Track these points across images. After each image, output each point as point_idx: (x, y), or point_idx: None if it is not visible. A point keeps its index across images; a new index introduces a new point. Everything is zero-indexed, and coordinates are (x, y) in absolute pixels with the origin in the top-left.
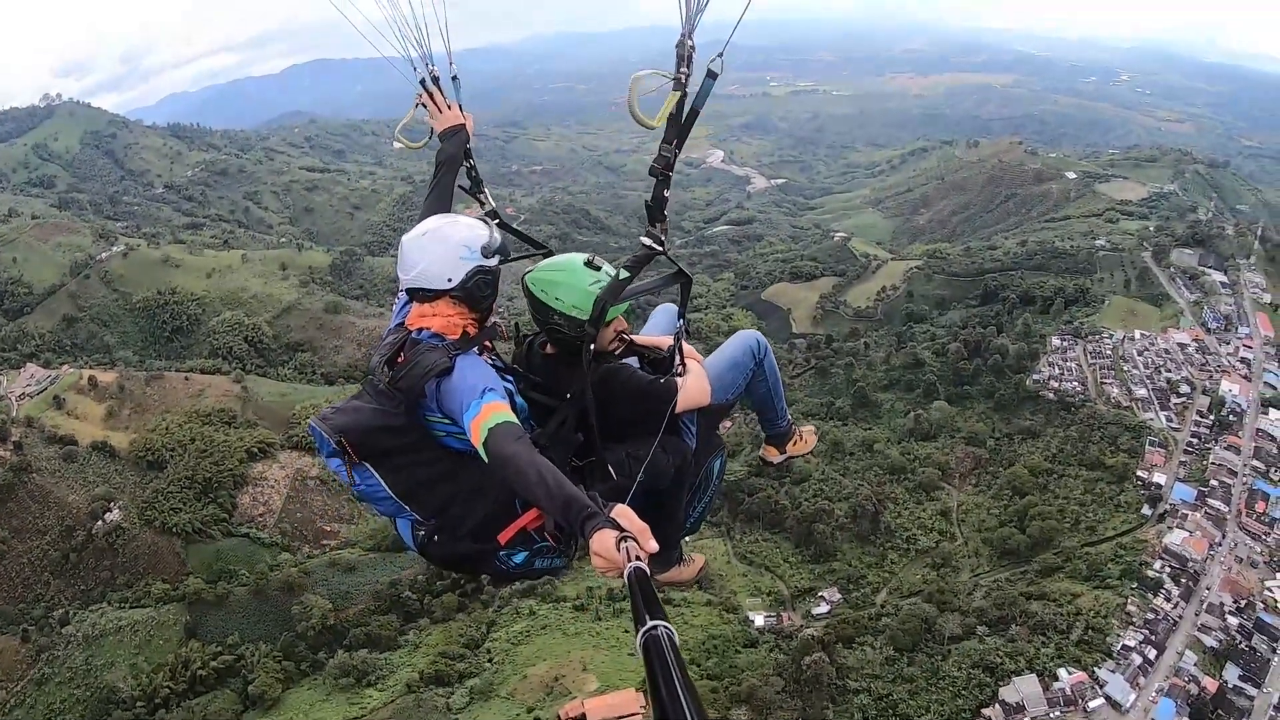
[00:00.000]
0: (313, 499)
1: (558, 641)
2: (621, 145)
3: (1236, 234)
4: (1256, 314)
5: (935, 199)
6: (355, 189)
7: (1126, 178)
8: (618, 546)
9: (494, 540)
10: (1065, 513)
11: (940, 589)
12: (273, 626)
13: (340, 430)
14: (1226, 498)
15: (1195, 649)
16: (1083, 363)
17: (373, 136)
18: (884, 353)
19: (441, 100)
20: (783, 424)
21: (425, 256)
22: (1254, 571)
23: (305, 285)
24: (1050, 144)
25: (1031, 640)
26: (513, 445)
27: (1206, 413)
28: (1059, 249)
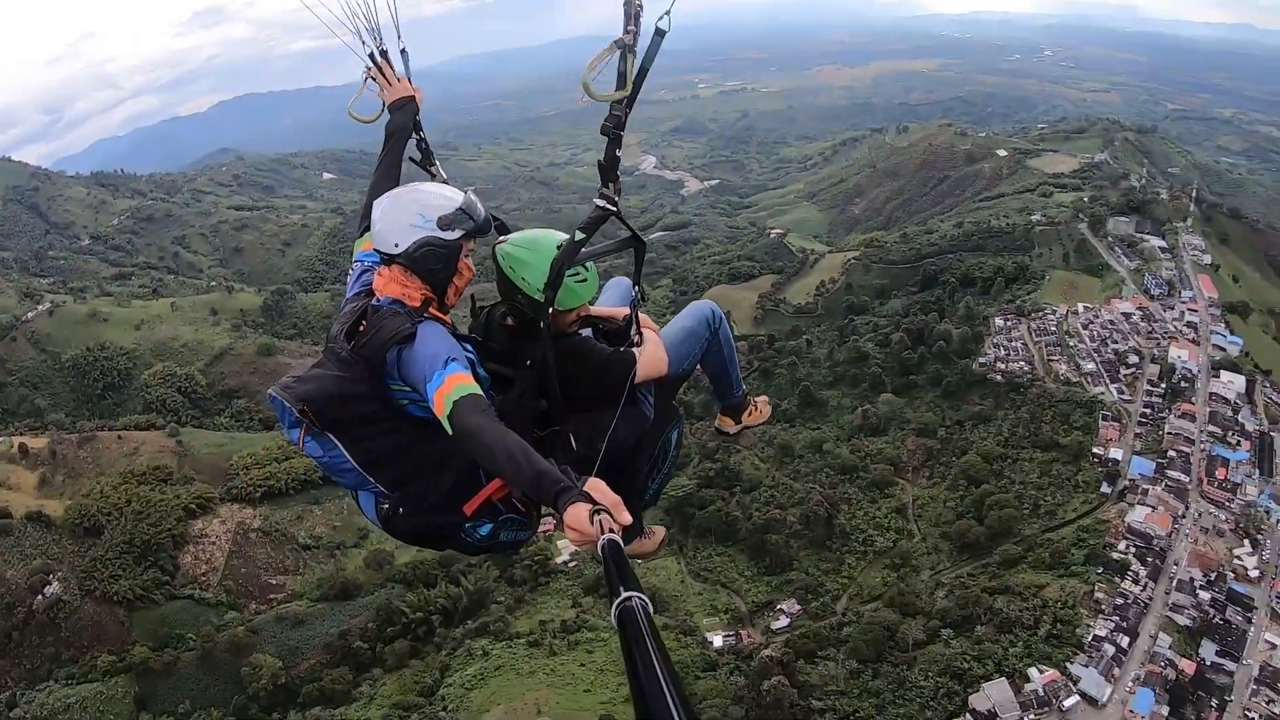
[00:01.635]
0: (256, 552)
1: (512, 683)
2: (554, 159)
3: (1171, 198)
4: (1198, 276)
5: (869, 188)
6: (285, 225)
7: (1057, 151)
8: (591, 519)
9: (459, 512)
10: (1023, 498)
11: (901, 591)
12: (224, 690)
13: (303, 399)
14: (1186, 467)
15: (1169, 630)
16: (1028, 341)
17: (302, 170)
18: (827, 349)
19: (391, 73)
20: (738, 394)
21: (383, 219)
22: (1221, 541)
23: (237, 329)
24: (979, 124)
25: (999, 640)
26: (478, 418)
27: (1157, 381)
28: (995, 228)
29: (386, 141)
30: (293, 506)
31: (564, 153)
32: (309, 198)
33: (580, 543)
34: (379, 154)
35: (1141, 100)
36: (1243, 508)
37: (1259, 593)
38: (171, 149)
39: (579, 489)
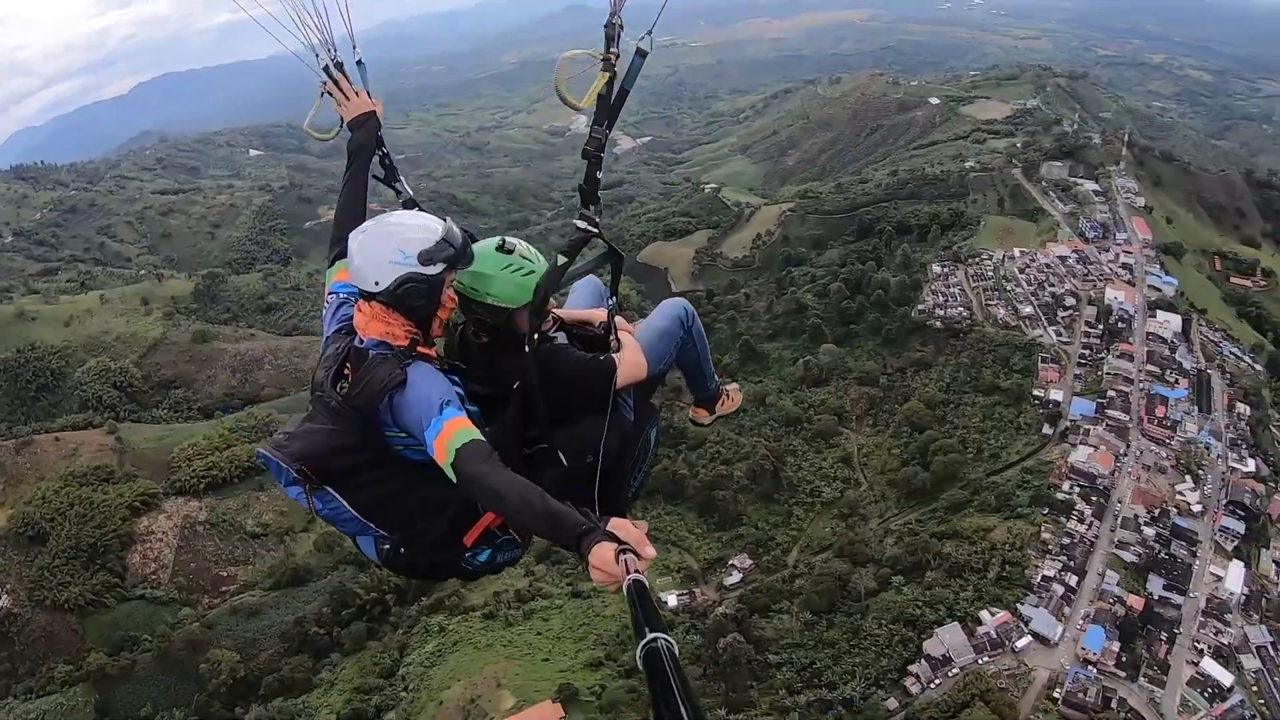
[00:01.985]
0: (204, 545)
1: (470, 658)
2: (484, 123)
3: (1104, 142)
4: (1132, 219)
5: (802, 139)
6: (213, 206)
7: (989, 98)
8: (617, 559)
9: (460, 544)
10: (966, 443)
11: (850, 541)
12: (184, 689)
13: (299, 458)
14: (1126, 407)
15: (1116, 567)
16: (966, 287)
17: (228, 148)
18: (766, 302)
19: (348, 86)
20: (711, 386)
21: (360, 255)
22: (1163, 477)
23: (170, 317)
24: (911, 73)
25: (949, 585)
26: (483, 466)
27: (1095, 323)
28: (930, 175)
29: (349, 162)
30: (238, 495)
31: (494, 116)
32: (236, 176)
33: (605, 582)
34: (342, 175)
35: (1073, 46)
36: (1183, 444)
37: (1202, 527)
38: (92, 136)
39: (602, 529)
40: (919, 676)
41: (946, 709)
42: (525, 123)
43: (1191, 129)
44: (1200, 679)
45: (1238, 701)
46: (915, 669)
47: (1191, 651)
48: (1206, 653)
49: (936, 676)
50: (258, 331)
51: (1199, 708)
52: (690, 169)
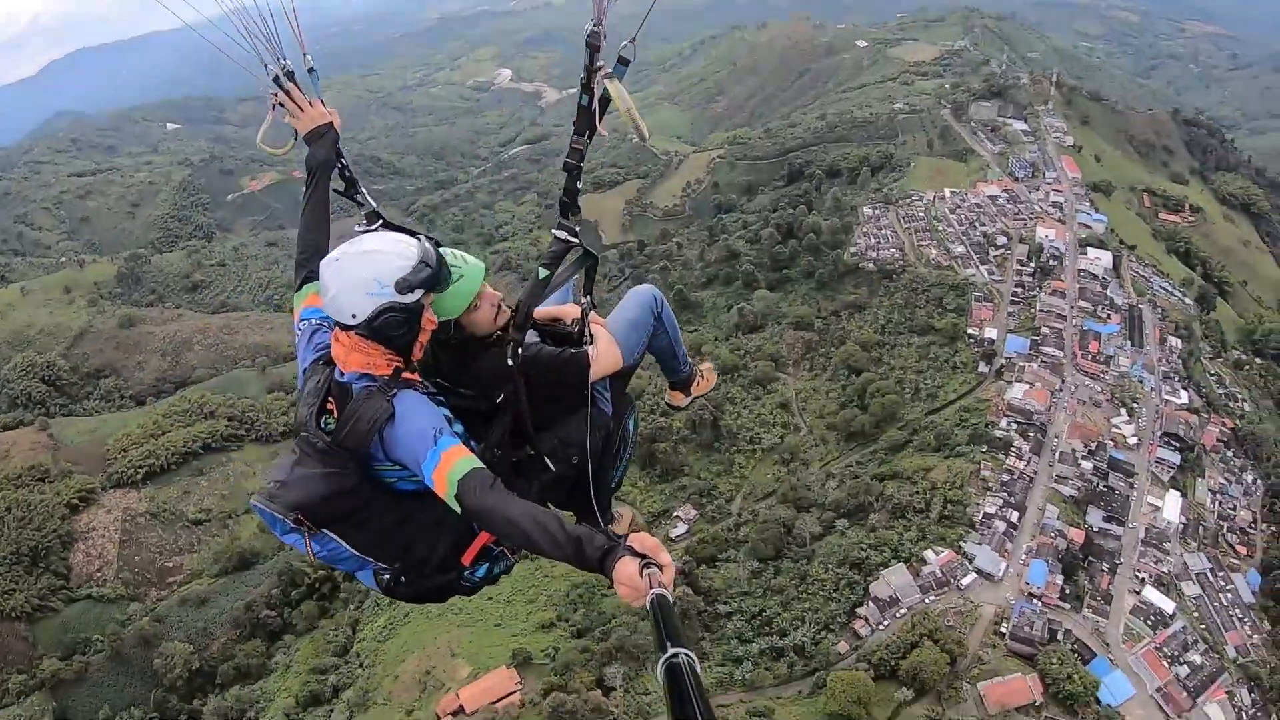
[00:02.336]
0: (147, 537)
1: (422, 628)
2: (406, 82)
3: (1032, 82)
4: (1061, 157)
5: (730, 85)
6: (132, 185)
7: (917, 39)
8: (641, 574)
9: (458, 565)
10: (904, 383)
11: (793, 486)
12: (141, 687)
13: (295, 507)
14: (1060, 343)
15: (1055, 501)
16: (897, 229)
17: (144, 124)
18: (698, 250)
19: (300, 97)
20: (684, 369)
21: (334, 287)
22: (1099, 412)
23: (94, 304)
24: (838, 16)
25: (893, 526)
26: (490, 497)
27: (1026, 261)
28: (859, 118)
29: (309, 178)
30: (177, 482)
31: (416, 74)
32: (154, 152)
33: (630, 598)
34: (302, 193)
35: None
36: (1116, 379)
37: (1138, 459)
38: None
39: (623, 545)
40: (867, 619)
41: (897, 650)
42: (449, 79)
43: (1118, 69)
44: (1143, 607)
45: (1180, 628)
46: (863, 611)
47: (1133, 581)
48: (1148, 581)
49: (885, 618)
50: (185, 311)
51: (1143, 635)
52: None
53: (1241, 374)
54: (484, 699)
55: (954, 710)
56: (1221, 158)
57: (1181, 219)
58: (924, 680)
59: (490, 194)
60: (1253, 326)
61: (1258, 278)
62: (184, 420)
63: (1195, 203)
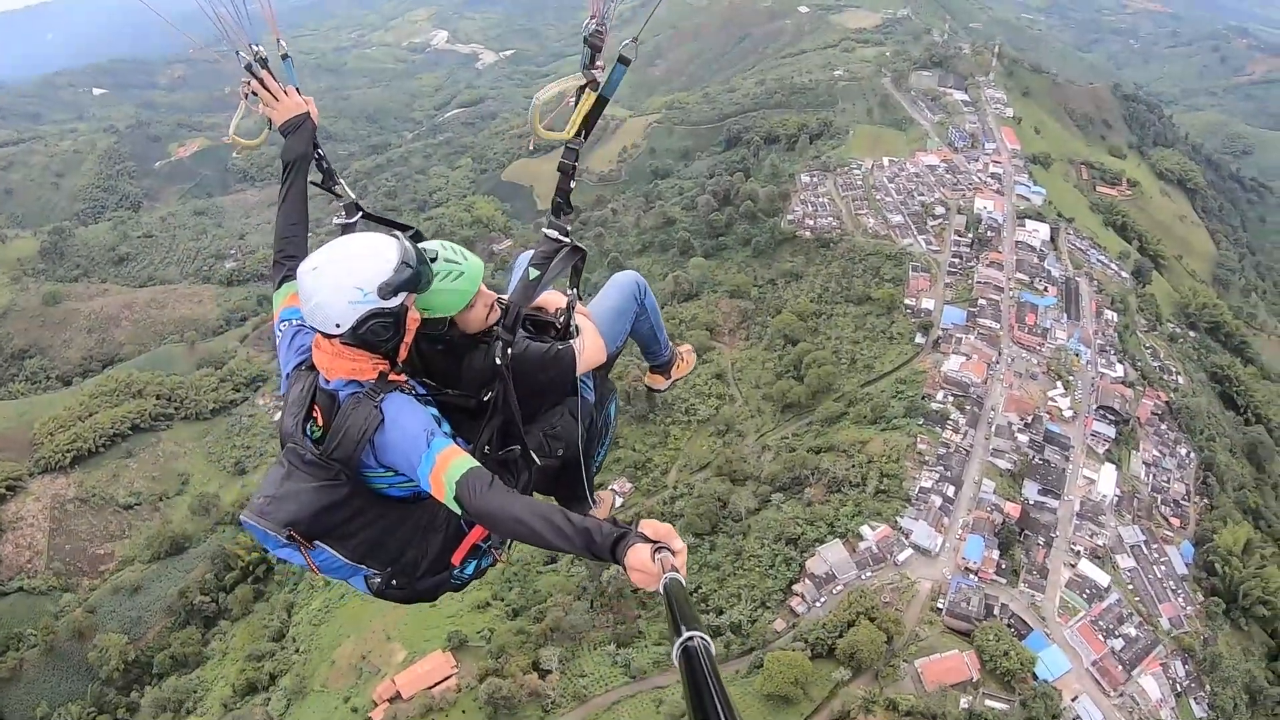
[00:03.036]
0: (77, 525)
1: (357, 611)
2: (340, 43)
3: (974, 53)
4: (1001, 129)
5: (670, 49)
6: (55, 154)
7: (859, 6)
8: (653, 558)
9: (448, 565)
10: (840, 354)
11: (728, 459)
12: (78, 680)
13: (287, 523)
14: (997, 315)
15: (992, 475)
16: (835, 197)
17: (70, 89)
18: (633, 216)
19: (275, 85)
20: (665, 353)
21: (316, 294)
22: (1035, 384)
23: (17, 281)
24: None
25: (829, 501)
26: (491, 497)
27: (964, 232)
28: (798, 85)
29: (285, 172)
30: (106, 465)
31: (350, 35)
32: (80, 119)
33: (644, 584)
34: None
35: None
36: (1053, 351)
37: (1074, 431)
38: None
39: (634, 532)
40: (804, 596)
41: (833, 629)
42: (383, 40)
43: (1060, 41)
44: (1078, 580)
45: (1115, 600)
46: (800, 589)
47: (1068, 554)
48: (1083, 554)
49: (821, 595)
50: (112, 285)
51: (1078, 609)
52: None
53: (1175, 347)
54: (420, 684)
55: (892, 689)
56: (1159, 133)
57: (1119, 192)
58: (861, 659)
59: (425, 158)
60: (1187, 300)
61: (1192, 252)
62: (111, 400)
63: (1133, 177)
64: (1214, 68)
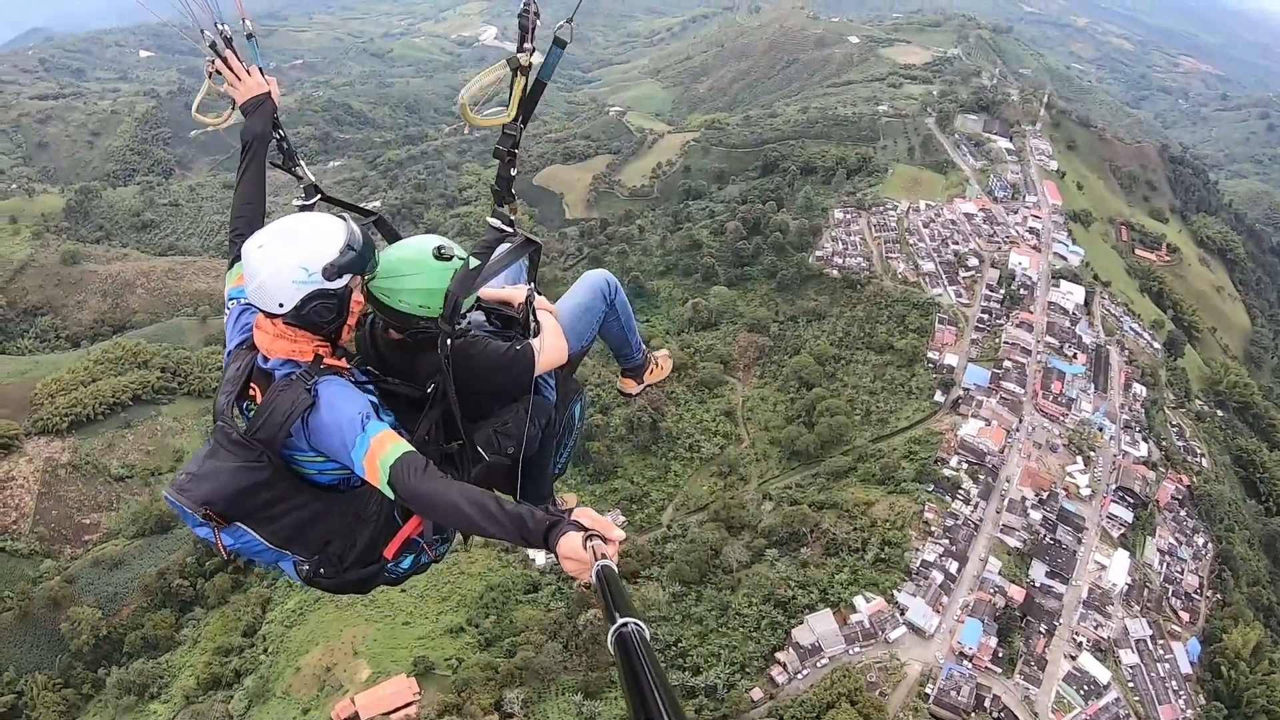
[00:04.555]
0: (67, 491)
1: (330, 618)
2: (390, 29)
3: (1022, 100)
4: (1044, 182)
5: (716, 67)
6: (93, 113)
7: (910, 42)
8: (584, 546)
9: (380, 558)
10: (855, 404)
11: (726, 504)
12: (47, 650)
13: (204, 501)
14: (1022, 379)
15: (999, 553)
16: (867, 236)
17: (116, 48)
18: (660, 235)
19: (238, 65)
20: (638, 356)
21: (259, 275)
22: (1054, 457)
23: (39, 236)
24: (834, 9)
25: (824, 564)
26: (424, 482)
27: (996, 287)
28: (841, 116)
29: (244, 150)
30: (102, 433)
31: (400, 22)
32: (124, 79)
33: (576, 572)
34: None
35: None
36: (1076, 424)
37: (1090, 512)
38: None
39: (567, 520)
40: (786, 666)
41: (811, 708)
42: (433, 30)
43: (1108, 94)
44: (1077, 675)
45: (1113, 699)
46: (783, 657)
47: (1070, 645)
48: (1085, 647)
49: (805, 667)
50: (131, 251)
51: (1074, 706)
52: (598, 89)
53: (1202, 426)
54: (379, 708)
55: None
56: (1203, 199)
57: (1158, 257)
58: None
59: (459, 154)
60: (1218, 377)
61: (1228, 326)
62: (116, 368)
63: (1173, 242)
64: (1261, 135)
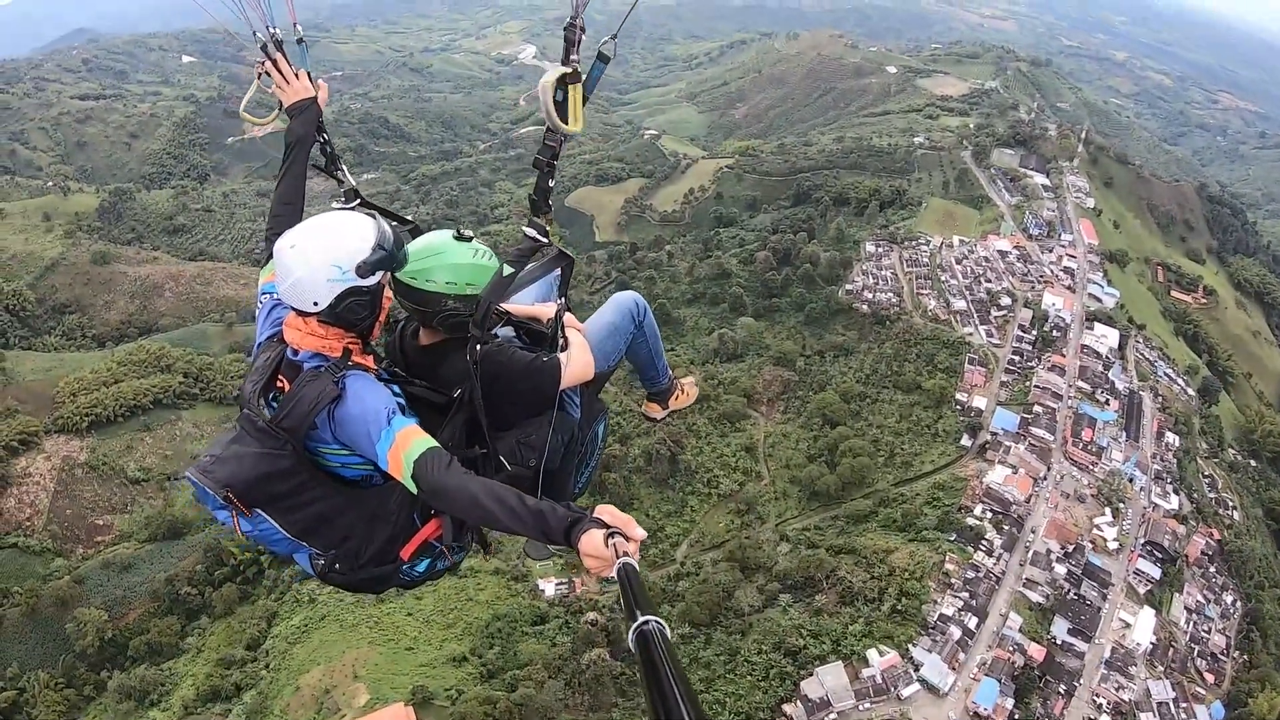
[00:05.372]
0: (82, 491)
1: (334, 638)
2: (430, 44)
3: (1059, 135)
4: (1080, 220)
5: (752, 93)
6: (133, 115)
7: (948, 73)
8: (606, 543)
9: (397, 559)
10: (879, 444)
11: (742, 544)
12: (52, 648)
13: (225, 484)
14: (1052, 425)
15: (1020, 608)
16: (898, 271)
17: (160, 52)
18: (689, 263)
19: (287, 68)
20: (664, 381)
21: (294, 273)
22: (1081, 508)
23: (71, 235)
24: (873, 37)
25: (839, 613)
26: (449, 476)
27: (1029, 328)
28: (876, 147)
29: (287, 153)
30: (121, 435)
31: (441, 38)
32: (165, 83)
33: (598, 569)
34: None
35: (1038, 32)
36: (1106, 474)
37: (1116, 566)
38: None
39: (590, 517)
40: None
41: None
42: (473, 48)
43: (1146, 130)
44: None
45: None
46: (790, 710)
47: (1090, 707)
48: (1105, 709)
49: None
50: (162, 254)
51: None
52: (634, 111)
53: (1235, 478)
54: None
55: None
56: (1241, 240)
57: (1194, 300)
58: None
59: (493, 172)
60: (1253, 425)
61: (1264, 371)
62: (139, 371)
63: (1210, 284)
64: None
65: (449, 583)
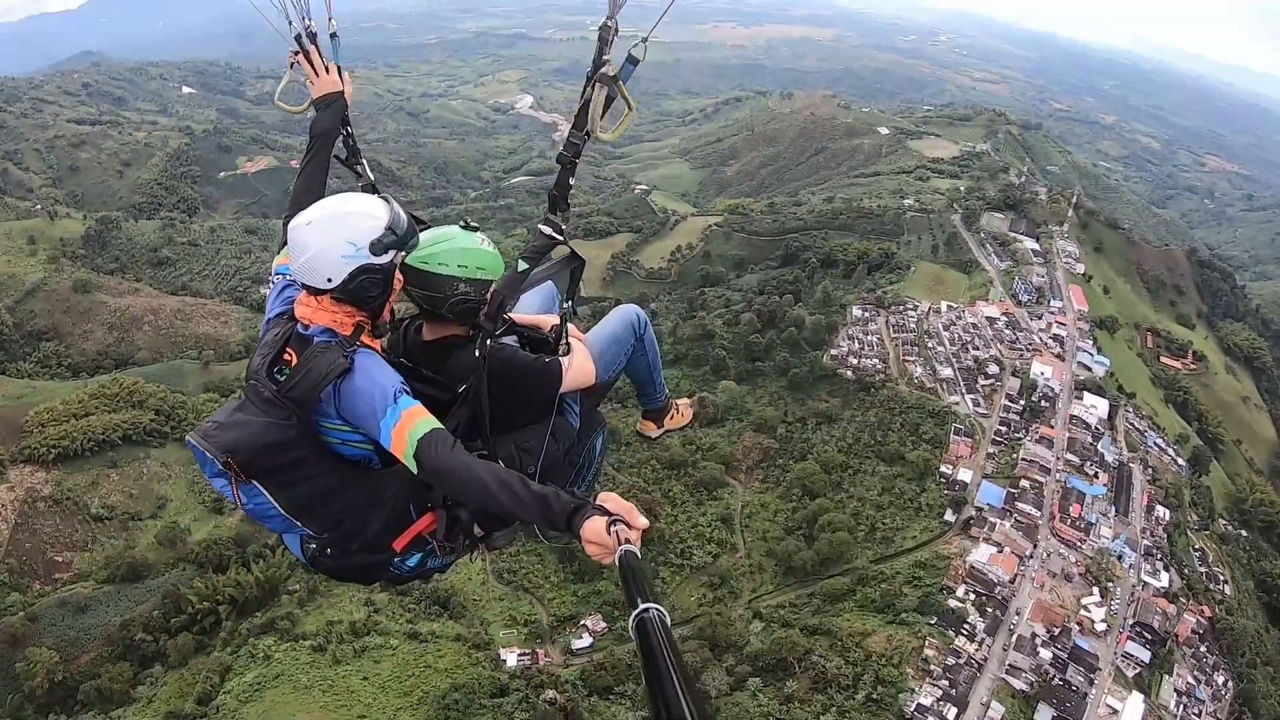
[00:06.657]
0: (43, 524)
1: (287, 699)
2: (429, 89)
3: (1050, 199)
4: (1070, 286)
5: (745, 150)
6: (127, 143)
7: (939, 135)
8: (608, 530)
9: (389, 549)
10: (860, 517)
11: (713, 620)
12: (2, 688)
13: (227, 449)
14: (1039, 500)
15: (1002, 696)
16: (885, 336)
17: (160, 81)
18: (673, 322)
19: (319, 60)
20: (660, 398)
21: (309, 249)
22: (1068, 587)
23: (54, 261)
24: (866, 98)
25: (810, 701)
26: (452, 456)
27: (1016, 397)
28: (865, 208)
29: (311, 144)
30: (87, 470)
31: (440, 84)
32: (163, 113)
33: (600, 556)
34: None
35: (1029, 96)
36: (1094, 552)
37: (1104, 649)
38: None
39: (592, 504)
40: None
41: None
42: (470, 95)
43: (1135, 193)
44: None
45: None
46: None
47: None
48: None
49: None
50: (144, 286)
51: None
52: (627, 165)
53: (1226, 549)
54: None
55: None
56: (1230, 304)
57: (1184, 365)
58: None
59: (481, 220)
60: (1244, 495)
61: (1254, 438)
62: (111, 405)
63: (1199, 349)
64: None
65: (408, 648)
